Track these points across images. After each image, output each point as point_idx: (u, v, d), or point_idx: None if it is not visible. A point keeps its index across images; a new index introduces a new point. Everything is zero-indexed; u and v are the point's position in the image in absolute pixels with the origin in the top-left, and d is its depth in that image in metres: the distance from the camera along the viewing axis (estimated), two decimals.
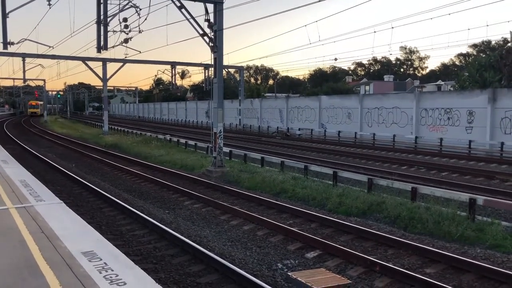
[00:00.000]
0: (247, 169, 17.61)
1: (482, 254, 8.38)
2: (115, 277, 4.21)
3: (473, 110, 26.05)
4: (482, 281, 7.22)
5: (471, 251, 8.60)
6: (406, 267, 7.82)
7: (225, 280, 7.10)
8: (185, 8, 17.27)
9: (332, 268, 7.75)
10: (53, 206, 7.27)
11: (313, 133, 37.35)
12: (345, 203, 11.95)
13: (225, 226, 10.66)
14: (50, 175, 17.70)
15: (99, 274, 4.27)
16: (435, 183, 14.97)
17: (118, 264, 4.57)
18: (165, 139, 30.85)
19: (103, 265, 4.50)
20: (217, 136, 17.94)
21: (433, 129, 28.44)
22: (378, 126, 32.78)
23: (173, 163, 20.87)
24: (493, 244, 8.82)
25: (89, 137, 37.45)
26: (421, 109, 29.40)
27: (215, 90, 18.13)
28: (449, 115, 27.52)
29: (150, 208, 12.24)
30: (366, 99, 35.44)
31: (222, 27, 17.80)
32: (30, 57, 39.31)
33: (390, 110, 31.90)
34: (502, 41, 58.85)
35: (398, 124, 31.04)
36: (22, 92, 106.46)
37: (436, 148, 25.77)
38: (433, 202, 11.21)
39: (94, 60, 39.54)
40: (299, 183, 14.51)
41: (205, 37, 17.78)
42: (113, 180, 17.19)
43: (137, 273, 4.40)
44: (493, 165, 19.88)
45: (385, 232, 9.67)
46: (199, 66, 46.76)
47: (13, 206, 7.15)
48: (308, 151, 25.91)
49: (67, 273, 4.32)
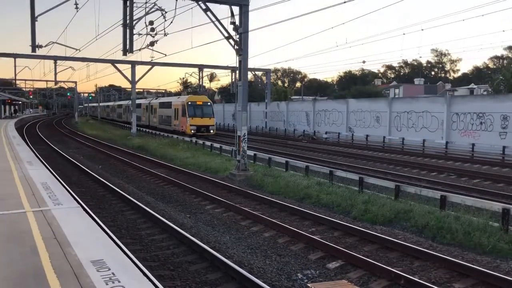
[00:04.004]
0: (271, 173, 17.36)
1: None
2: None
3: (508, 115, 25.09)
4: None
5: (504, 265, 8.12)
6: (433, 280, 7.42)
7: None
8: (211, 10, 17.21)
9: (355, 280, 7.43)
10: (70, 210, 7.20)
11: (340, 136, 36.82)
12: (371, 211, 11.56)
13: (245, 232, 10.44)
14: (76, 176, 17.89)
15: (105, 286, 4.12)
16: (466, 190, 14.40)
17: (127, 275, 4.41)
18: (191, 142, 30.94)
19: (110, 276, 4.35)
20: (241, 140, 17.78)
21: (465, 134, 27.56)
22: (408, 130, 32.02)
23: (197, 165, 20.83)
24: None
25: (117, 138, 37.94)
26: (452, 113, 28.55)
27: (240, 93, 17.97)
28: (481, 119, 26.60)
29: (171, 212, 12.15)
30: (395, 103, 34.71)
31: (248, 29, 17.64)
32: (61, 59, 40.20)
33: (420, 114, 31.11)
34: None
35: (428, 129, 30.24)
36: (55, 94, 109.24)
37: (468, 154, 24.93)
38: (464, 211, 10.74)
39: (123, 63, 40.16)
40: (324, 189, 14.17)
41: (230, 40, 17.67)
42: (137, 182, 17.23)
43: (144, 286, 4.22)
44: None
45: (411, 243, 9.27)
46: (226, 69, 46.86)
47: (30, 209, 7.12)
48: (335, 155, 25.48)
49: (73, 284, 4.18)
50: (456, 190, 14.19)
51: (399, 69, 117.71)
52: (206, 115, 38.49)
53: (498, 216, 9.95)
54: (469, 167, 20.81)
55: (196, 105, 38.37)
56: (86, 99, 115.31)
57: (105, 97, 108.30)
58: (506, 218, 9.61)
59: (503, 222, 9.62)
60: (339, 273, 7.84)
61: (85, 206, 11.15)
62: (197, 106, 38.29)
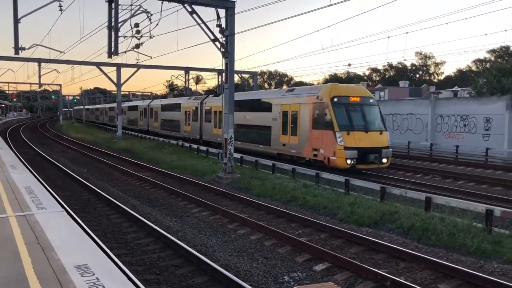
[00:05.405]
0: (258, 176, 17.37)
1: (499, 269, 7.98)
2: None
3: (491, 117, 25.42)
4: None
5: (488, 265, 8.21)
6: (419, 282, 7.47)
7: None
8: (196, 13, 17.16)
9: (341, 282, 7.44)
10: (54, 214, 7.09)
11: None
12: (357, 212, 11.61)
13: (232, 235, 10.40)
14: (60, 180, 17.67)
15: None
16: (451, 192, 14.55)
17: (111, 280, 4.34)
18: (178, 145, 30.80)
19: (95, 281, 4.28)
20: (228, 142, 17.74)
21: (449, 136, 27.86)
22: (393, 132, 32.22)
23: (184, 168, 20.73)
24: (511, 259, 8.41)
25: (102, 142, 37.59)
26: (436, 115, 28.84)
27: (226, 96, 17.95)
28: (465, 122, 26.92)
29: (157, 216, 12.07)
30: (380, 105, 34.90)
31: (234, 32, 17.64)
32: (45, 62, 39.74)
33: (405, 116, 31.38)
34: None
35: (413, 131, 30.50)
36: (39, 97, 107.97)
37: (452, 156, 25.22)
38: (448, 212, 10.85)
39: (108, 65, 39.84)
40: (310, 191, 14.21)
41: (216, 43, 17.64)
42: (123, 185, 17.08)
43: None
44: (511, 174, 19.31)
45: (397, 244, 9.33)
46: (212, 72, 46.76)
47: (13, 214, 6.99)
48: None
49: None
50: (441, 192, 14.34)
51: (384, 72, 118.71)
52: (373, 126, 19.31)
53: (482, 217, 10.08)
54: (453, 169, 21.04)
55: (351, 104, 19.29)
56: (71, 102, 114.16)
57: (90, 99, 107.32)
58: (489, 219, 9.74)
59: (487, 223, 9.74)
60: (325, 275, 7.85)
61: (70, 210, 11.04)
62: (353, 106, 19.31)
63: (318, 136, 18.96)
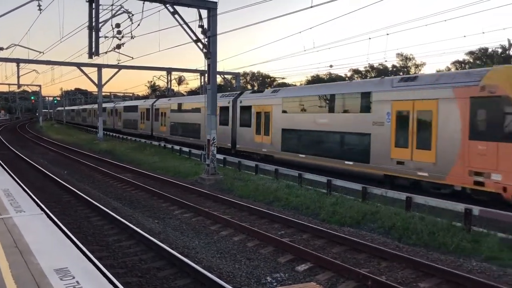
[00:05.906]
0: (241, 177, 17.36)
1: (478, 267, 8.13)
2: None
3: None
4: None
5: (467, 263, 8.35)
6: (400, 281, 7.56)
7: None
8: (178, 13, 17.07)
9: (323, 282, 7.49)
10: (33, 217, 6.97)
11: None
12: (339, 212, 11.69)
13: (215, 236, 10.37)
14: (40, 182, 17.40)
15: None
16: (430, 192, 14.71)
17: (92, 283, 4.29)
18: (160, 146, 30.59)
19: (75, 284, 4.22)
20: (210, 143, 17.69)
21: None
22: None
23: (166, 170, 20.60)
24: (489, 256, 8.56)
25: (83, 143, 37.14)
26: None
27: (209, 97, 17.90)
28: None
29: (139, 218, 11.97)
30: None
31: (216, 33, 17.60)
32: (24, 62, 39.12)
33: None
34: (500, 48, 58.69)
35: None
36: (18, 98, 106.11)
37: None
38: (428, 212, 10.99)
39: (89, 66, 39.34)
40: (293, 192, 14.27)
41: (198, 43, 17.58)
42: (104, 187, 16.89)
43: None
44: None
45: (378, 244, 9.42)
46: (194, 72, 46.53)
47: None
48: None
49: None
50: (420, 192, 14.49)
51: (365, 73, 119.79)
52: None
53: (461, 216, 10.23)
54: None
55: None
56: (51, 103, 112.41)
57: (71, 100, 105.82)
58: (468, 218, 9.91)
59: (466, 222, 9.91)
60: (308, 275, 7.88)
61: (49, 213, 10.85)
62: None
63: (485, 151, 12.12)
